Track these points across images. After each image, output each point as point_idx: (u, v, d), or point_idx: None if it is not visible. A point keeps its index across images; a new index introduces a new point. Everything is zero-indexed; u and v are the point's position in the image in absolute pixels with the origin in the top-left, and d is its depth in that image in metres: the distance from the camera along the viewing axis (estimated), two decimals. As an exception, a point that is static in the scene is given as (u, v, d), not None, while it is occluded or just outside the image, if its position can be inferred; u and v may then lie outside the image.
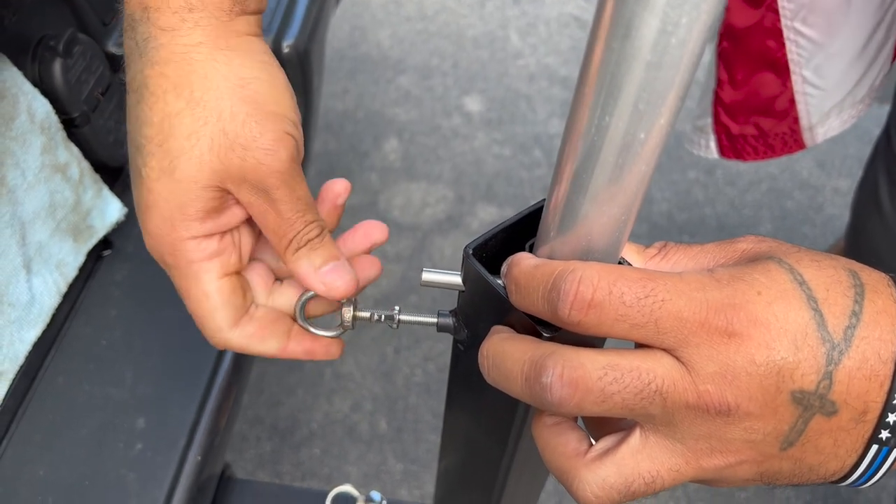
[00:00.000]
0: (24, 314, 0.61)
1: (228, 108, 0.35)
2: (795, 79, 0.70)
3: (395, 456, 1.32)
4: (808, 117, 0.72)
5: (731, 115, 0.75)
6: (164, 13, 0.34)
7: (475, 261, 0.36)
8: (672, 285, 0.27)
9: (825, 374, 0.26)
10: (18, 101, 0.60)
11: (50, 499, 0.57)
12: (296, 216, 0.38)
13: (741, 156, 0.77)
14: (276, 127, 0.36)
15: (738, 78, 0.72)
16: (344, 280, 0.40)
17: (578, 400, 0.27)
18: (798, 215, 1.69)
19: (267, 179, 0.36)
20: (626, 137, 0.27)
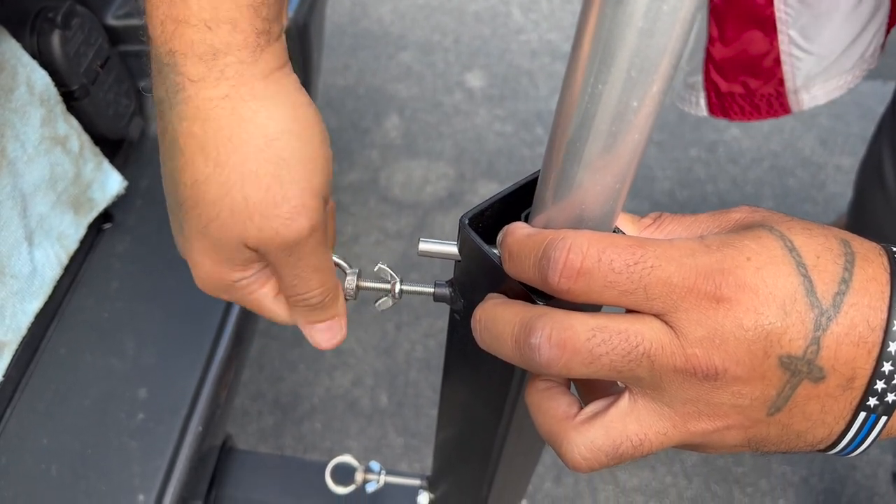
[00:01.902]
0: (26, 286, 0.61)
1: (253, 171, 0.34)
2: (782, 38, 0.69)
3: (396, 430, 1.34)
4: (793, 80, 0.72)
5: (720, 73, 0.75)
6: (191, 59, 0.33)
7: (471, 230, 0.36)
8: (662, 252, 0.28)
9: (813, 340, 0.27)
10: (17, 72, 0.60)
11: (53, 467, 0.58)
12: (299, 283, 0.38)
13: (728, 114, 0.77)
14: (300, 191, 0.35)
15: (729, 35, 0.72)
16: (330, 341, 0.42)
17: (566, 361, 0.28)
18: (800, 193, 1.68)
19: (277, 250, 0.36)
20: (619, 105, 0.27)
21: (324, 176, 0.36)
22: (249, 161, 0.34)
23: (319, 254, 0.37)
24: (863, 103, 1.82)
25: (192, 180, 0.34)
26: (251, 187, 0.34)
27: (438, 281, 0.42)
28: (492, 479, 0.52)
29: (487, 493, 0.54)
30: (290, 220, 0.35)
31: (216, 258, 0.37)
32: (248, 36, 0.33)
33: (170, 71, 0.34)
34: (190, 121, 0.34)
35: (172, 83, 0.34)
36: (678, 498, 1.25)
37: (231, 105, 0.34)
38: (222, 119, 0.34)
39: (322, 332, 0.42)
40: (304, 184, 0.35)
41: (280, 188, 0.34)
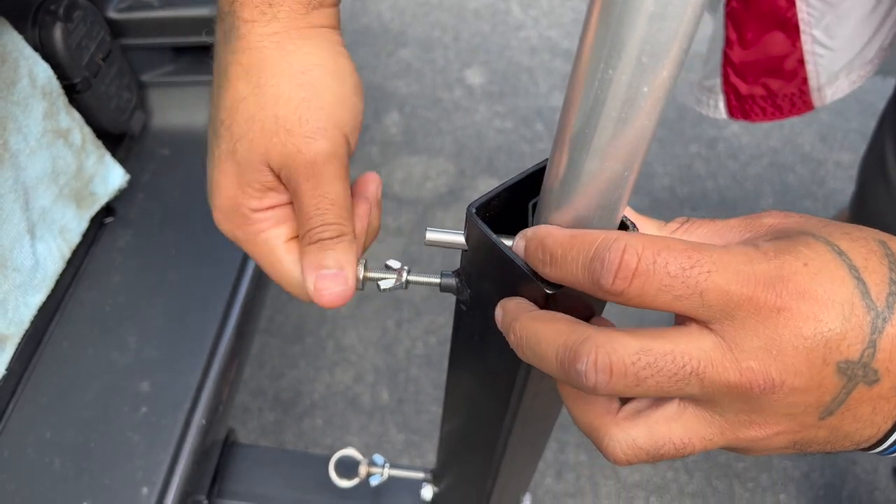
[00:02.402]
0: (29, 279, 0.61)
1: (286, 93, 0.36)
2: (805, 38, 0.69)
3: (397, 426, 1.34)
4: (816, 78, 0.72)
5: (740, 76, 0.74)
6: (248, 6, 0.36)
7: (478, 219, 0.36)
8: (718, 257, 0.27)
9: (870, 343, 0.26)
10: (19, 65, 0.60)
11: (56, 460, 0.58)
12: (314, 212, 0.38)
13: (749, 116, 0.77)
14: (325, 116, 0.37)
15: (748, 38, 0.72)
16: (333, 292, 0.39)
17: (613, 385, 0.27)
18: (800, 189, 1.68)
19: (298, 168, 0.37)
20: (630, 91, 0.27)
21: (350, 114, 0.38)
22: (284, 85, 0.36)
23: (338, 186, 0.38)
24: (863, 99, 1.82)
25: (232, 101, 0.37)
26: (282, 107, 0.36)
27: (445, 271, 0.42)
28: (496, 472, 0.52)
29: (492, 485, 0.54)
30: (312, 139, 0.36)
31: (238, 180, 0.38)
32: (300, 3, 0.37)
33: (228, 16, 0.37)
34: (240, 53, 0.37)
35: (230, 25, 0.37)
36: (679, 493, 1.25)
37: (278, 40, 0.37)
38: (267, 50, 0.37)
39: (327, 279, 0.39)
40: (329, 111, 0.37)
41: (307, 111, 0.37)
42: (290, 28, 0.37)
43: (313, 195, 0.38)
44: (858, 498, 1.25)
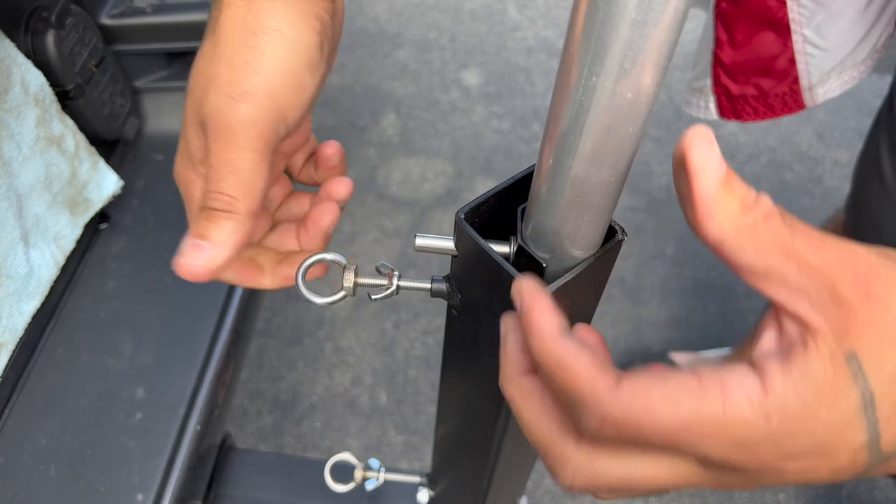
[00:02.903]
0: (23, 286, 0.61)
1: (231, 53, 0.35)
2: (796, 38, 0.69)
3: (396, 428, 1.34)
4: (808, 77, 0.72)
5: (731, 76, 0.74)
6: None
7: (467, 225, 0.36)
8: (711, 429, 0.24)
9: None
10: (12, 73, 0.60)
11: (52, 467, 0.58)
12: (213, 176, 0.35)
13: (740, 116, 0.77)
14: (260, 82, 0.35)
15: (738, 38, 0.71)
16: (192, 265, 0.36)
17: (593, 493, 0.27)
18: (797, 187, 1.68)
19: (214, 127, 0.35)
20: (614, 97, 0.27)
21: (292, 90, 0.36)
22: (233, 44, 0.35)
23: (246, 156, 0.35)
24: (859, 97, 1.82)
25: (198, 58, 0.36)
26: (224, 66, 0.35)
27: (435, 277, 0.42)
28: (491, 474, 0.52)
29: (487, 488, 0.54)
30: (234, 99, 0.34)
31: (183, 145, 0.37)
32: None
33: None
34: (216, 9, 0.36)
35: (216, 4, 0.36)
36: (677, 494, 1.25)
37: (247, 5, 0.35)
38: (235, 7, 0.35)
39: (193, 250, 0.36)
40: (266, 79, 0.35)
41: (243, 73, 0.35)
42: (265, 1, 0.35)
43: (218, 158, 0.35)
44: (858, 497, 1.25)
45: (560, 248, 0.35)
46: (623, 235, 0.36)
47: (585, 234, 0.34)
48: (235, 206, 0.36)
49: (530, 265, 0.36)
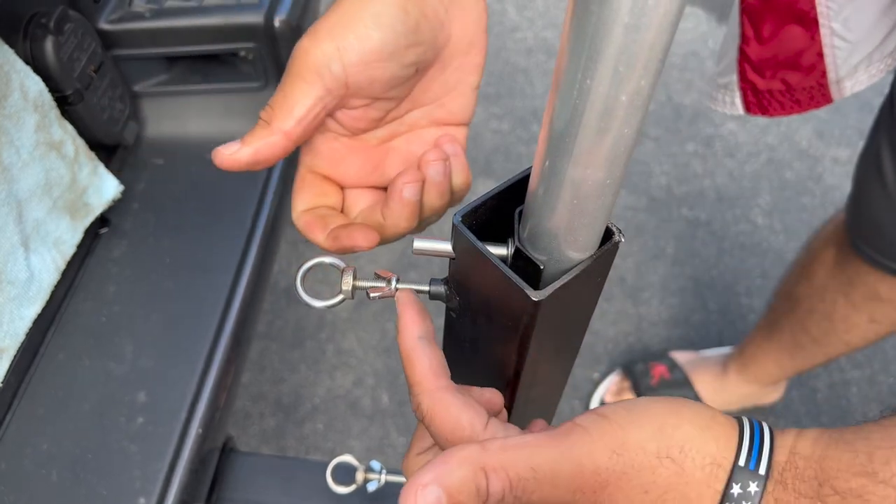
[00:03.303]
0: (24, 291, 0.61)
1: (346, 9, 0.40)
2: (824, 31, 0.69)
3: (398, 429, 1.34)
4: (835, 70, 0.71)
5: (757, 71, 0.74)
6: None
7: (464, 227, 0.36)
8: None
9: None
10: (11, 78, 0.60)
11: (54, 472, 0.58)
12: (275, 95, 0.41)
13: (767, 111, 0.76)
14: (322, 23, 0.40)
15: (765, 34, 0.71)
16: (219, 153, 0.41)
17: None
18: (797, 186, 1.68)
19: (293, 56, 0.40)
20: (608, 100, 0.27)
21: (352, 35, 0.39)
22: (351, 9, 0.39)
23: (293, 83, 0.40)
24: (860, 94, 1.81)
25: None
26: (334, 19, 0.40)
27: (434, 279, 0.42)
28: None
29: (487, 490, 0.54)
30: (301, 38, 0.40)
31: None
32: None
33: None
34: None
35: None
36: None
37: None
38: None
39: (230, 143, 0.41)
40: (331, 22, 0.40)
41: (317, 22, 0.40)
42: None
43: (282, 80, 0.40)
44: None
45: (557, 250, 0.35)
46: (620, 237, 0.36)
47: (582, 236, 0.34)
48: (271, 118, 0.40)
49: (528, 267, 0.36)
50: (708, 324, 1.47)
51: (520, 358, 0.39)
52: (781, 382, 1.28)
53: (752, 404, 1.31)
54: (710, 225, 1.62)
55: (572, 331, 0.43)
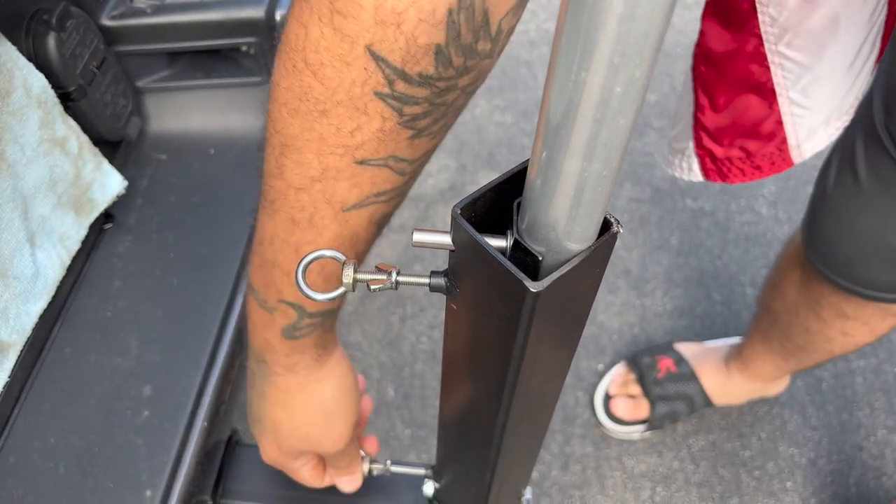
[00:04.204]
0: (30, 287, 0.62)
1: (313, 420, 0.55)
2: (782, 101, 0.67)
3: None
4: (795, 136, 0.70)
5: (714, 139, 0.72)
6: (276, 365, 0.51)
7: (463, 220, 0.36)
8: None
9: None
10: (14, 75, 0.60)
11: (61, 465, 0.59)
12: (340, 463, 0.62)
13: (727, 178, 0.74)
14: (340, 429, 0.56)
15: (720, 103, 0.69)
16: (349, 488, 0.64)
17: None
18: (802, 176, 1.68)
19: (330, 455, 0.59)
20: (604, 92, 0.27)
21: (354, 417, 0.57)
22: (310, 415, 0.54)
23: (349, 450, 0.60)
24: (864, 84, 1.81)
25: (273, 419, 0.55)
26: (312, 429, 0.55)
27: (434, 271, 0.42)
28: (494, 466, 0.53)
29: (490, 479, 0.55)
30: (335, 444, 0.57)
31: (281, 453, 0.58)
32: (313, 356, 0.52)
33: (262, 363, 0.52)
34: (276, 389, 0.53)
35: (265, 370, 0.52)
36: (685, 482, 1.26)
37: (300, 386, 0.52)
38: (295, 393, 0.53)
39: (345, 483, 0.63)
40: (342, 424, 0.56)
41: (328, 429, 0.56)
42: (309, 376, 0.52)
43: (334, 458, 0.60)
44: (866, 484, 1.25)
45: (555, 242, 0.35)
46: (619, 228, 0.36)
47: (580, 228, 0.34)
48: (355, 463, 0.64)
49: (526, 258, 0.36)
50: (713, 314, 1.47)
51: (520, 349, 0.39)
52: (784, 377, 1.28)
53: (758, 396, 1.31)
54: (715, 215, 1.61)
55: (572, 322, 0.43)
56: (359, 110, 0.38)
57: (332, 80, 0.37)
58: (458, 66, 0.38)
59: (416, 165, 0.44)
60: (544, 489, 1.26)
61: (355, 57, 0.36)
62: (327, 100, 0.38)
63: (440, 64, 0.37)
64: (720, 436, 1.30)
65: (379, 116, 0.38)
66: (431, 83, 0.38)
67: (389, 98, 0.38)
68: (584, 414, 1.34)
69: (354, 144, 0.40)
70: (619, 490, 1.25)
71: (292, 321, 0.48)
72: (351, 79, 0.37)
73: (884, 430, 1.31)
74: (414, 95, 0.38)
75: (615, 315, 1.47)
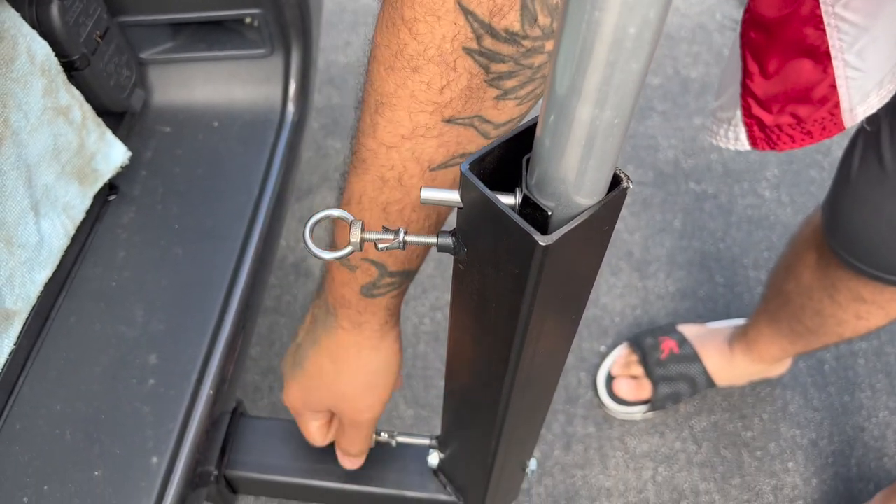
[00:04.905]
0: (34, 255, 0.62)
1: (353, 382, 0.56)
2: (837, 64, 0.66)
3: (406, 402, 1.35)
4: (849, 100, 0.68)
5: (764, 107, 0.71)
6: (346, 319, 0.53)
7: (472, 175, 0.36)
8: None
9: None
10: (17, 42, 0.60)
11: (67, 432, 0.59)
12: (350, 443, 0.63)
13: (776, 146, 0.73)
14: (375, 401, 0.58)
15: (770, 69, 0.68)
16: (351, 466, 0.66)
17: None
18: (805, 159, 1.67)
19: (351, 421, 0.60)
20: (617, 32, 0.27)
21: (389, 395, 0.58)
22: (355, 377, 0.56)
23: (367, 430, 0.61)
24: (869, 67, 1.80)
25: (319, 367, 0.56)
26: (350, 389, 0.56)
27: (442, 231, 0.42)
28: (500, 435, 0.53)
29: (496, 448, 0.55)
30: (365, 413, 0.58)
31: (305, 401, 0.60)
32: (381, 320, 0.54)
33: (332, 315, 0.54)
34: (333, 342, 0.55)
35: (332, 323, 0.54)
36: (687, 463, 1.26)
37: (357, 348, 0.55)
38: (351, 352, 0.55)
39: (347, 462, 0.65)
40: (379, 396, 0.57)
41: (364, 397, 0.57)
42: (366, 340, 0.54)
43: (351, 434, 0.61)
44: (868, 465, 1.26)
45: (565, 196, 0.35)
46: (628, 183, 0.36)
47: (590, 181, 0.34)
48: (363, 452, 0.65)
49: (535, 214, 0.36)
50: (715, 296, 1.47)
51: (528, 308, 0.39)
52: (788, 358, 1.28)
53: (760, 378, 1.31)
54: (718, 198, 1.61)
55: (579, 283, 0.43)
56: (448, 66, 0.40)
57: (424, 35, 0.39)
58: (543, 26, 0.40)
59: (501, 130, 0.45)
60: (547, 469, 1.26)
61: (446, 11, 0.38)
62: (420, 55, 0.40)
63: (526, 20, 0.39)
64: (722, 416, 1.31)
65: (467, 73, 0.40)
66: (518, 40, 0.39)
67: (477, 54, 0.40)
68: (587, 395, 1.34)
69: (443, 102, 0.41)
70: (620, 470, 1.25)
71: (373, 279, 0.50)
72: (442, 34, 0.39)
73: (885, 411, 1.31)
74: (500, 52, 0.40)
75: (618, 297, 1.47)
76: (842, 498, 1.23)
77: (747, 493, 1.23)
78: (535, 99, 0.45)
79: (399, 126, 0.43)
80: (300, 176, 0.97)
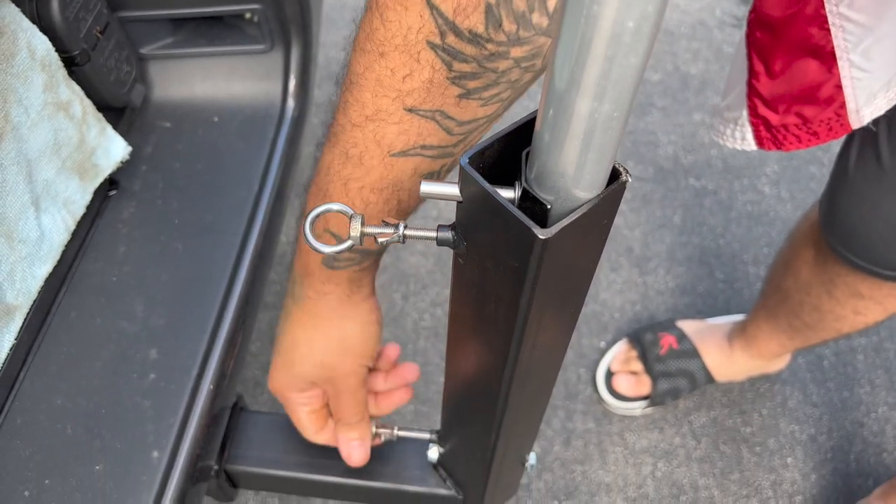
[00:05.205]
0: (35, 250, 0.62)
1: (331, 348, 0.57)
2: (842, 65, 0.65)
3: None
4: (855, 101, 0.68)
5: (770, 107, 0.71)
6: (311, 288, 0.54)
7: (472, 169, 0.36)
8: None
9: None
10: (18, 37, 0.60)
11: (69, 426, 0.59)
12: (344, 408, 0.61)
13: (782, 146, 0.73)
14: (353, 363, 0.58)
15: (776, 69, 0.68)
16: (357, 455, 0.64)
17: None
18: (805, 155, 1.67)
19: (341, 387, 0.59)
20: (616, 26, 0.27)
21: (369, 359, 0.59)
22: (328, 343, 0.56)
23: (361, 393, 0.61)
24: (869, 63, 1.79)
25: (294, 338, 0.57)
26: (327, 357, 0.57)
27: (441, 225, 0.42)
28: (499, 428, 0.53)
29: (495, 442, 0.55)
30: (349, 377, 0.58)
31: (288, 382, 0.59)
32: (345, 291, 0.54)
33: (299, 284, 0.55)
34: (303, 312, 0.56)
35: (299, 293, 0.56)
36: (686, 458, 1.26)
37: (327, 317, 0.55)
38: (321, 320, 0.55)
39: (353, 448, 0.63)
40: (357, 360, 0.58)
41: (342, 360, 0.57)
42: (338, 307, 0.55)
43: (340, 399, 0.60)
44: (867, 460, 1.26)
45: (564, 190, 0.35)
46: (627, 177, 0.36)
47: (589, 174, 0.34)
48: (363, 416, 0.63)
49: (535, 207, 0.36)
50: (715, 292, 1.47)
51: (527, 301, 0.39)
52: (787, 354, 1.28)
53: (759, 373, 1.31)
54: (718, 194, 1.61)
55: (579, 276, 0.43)
56: (412, 57, 0.41)
57: (392, 22, 0.40)
58: (509, 33, 0.40)
59: (465, 129, 0.46)
60: (546, 464, 1.27)
61: (413, 2, 0.39)
62: (387, 42, 0.41)
63: (490, 24, 0.40)
64: (721, 412, 1.31)
65: (429, 67, 0.41)
66: (481, 42, 0.40)
67: (440, 49, 0.41)
68: (586, 390, 1.34)
69: (405, 90, 0.43)
70: (620, 465, 1.26)
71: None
72: (408, 24, 0.40)
73: (884, 406, 1.31)
74: (463, 52, 0.41)
75: (617, 293, 1.47)
76: (840, 493, 1.23)
77: (746, 489, 1.24)
78: (501, 102, 0.46)
79: (364, 107, 0.44)
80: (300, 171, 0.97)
